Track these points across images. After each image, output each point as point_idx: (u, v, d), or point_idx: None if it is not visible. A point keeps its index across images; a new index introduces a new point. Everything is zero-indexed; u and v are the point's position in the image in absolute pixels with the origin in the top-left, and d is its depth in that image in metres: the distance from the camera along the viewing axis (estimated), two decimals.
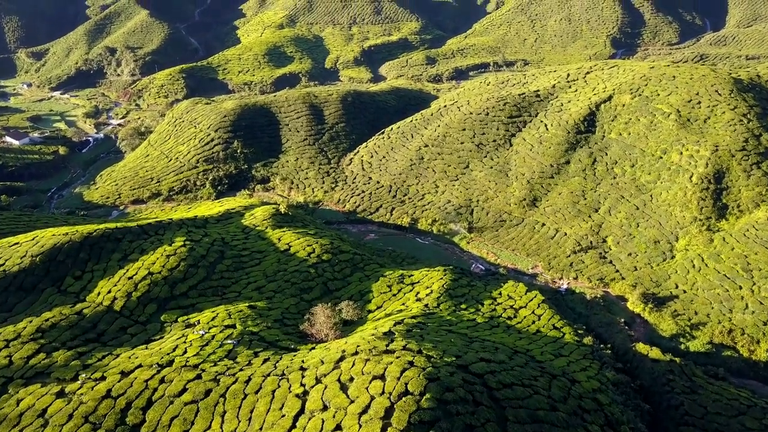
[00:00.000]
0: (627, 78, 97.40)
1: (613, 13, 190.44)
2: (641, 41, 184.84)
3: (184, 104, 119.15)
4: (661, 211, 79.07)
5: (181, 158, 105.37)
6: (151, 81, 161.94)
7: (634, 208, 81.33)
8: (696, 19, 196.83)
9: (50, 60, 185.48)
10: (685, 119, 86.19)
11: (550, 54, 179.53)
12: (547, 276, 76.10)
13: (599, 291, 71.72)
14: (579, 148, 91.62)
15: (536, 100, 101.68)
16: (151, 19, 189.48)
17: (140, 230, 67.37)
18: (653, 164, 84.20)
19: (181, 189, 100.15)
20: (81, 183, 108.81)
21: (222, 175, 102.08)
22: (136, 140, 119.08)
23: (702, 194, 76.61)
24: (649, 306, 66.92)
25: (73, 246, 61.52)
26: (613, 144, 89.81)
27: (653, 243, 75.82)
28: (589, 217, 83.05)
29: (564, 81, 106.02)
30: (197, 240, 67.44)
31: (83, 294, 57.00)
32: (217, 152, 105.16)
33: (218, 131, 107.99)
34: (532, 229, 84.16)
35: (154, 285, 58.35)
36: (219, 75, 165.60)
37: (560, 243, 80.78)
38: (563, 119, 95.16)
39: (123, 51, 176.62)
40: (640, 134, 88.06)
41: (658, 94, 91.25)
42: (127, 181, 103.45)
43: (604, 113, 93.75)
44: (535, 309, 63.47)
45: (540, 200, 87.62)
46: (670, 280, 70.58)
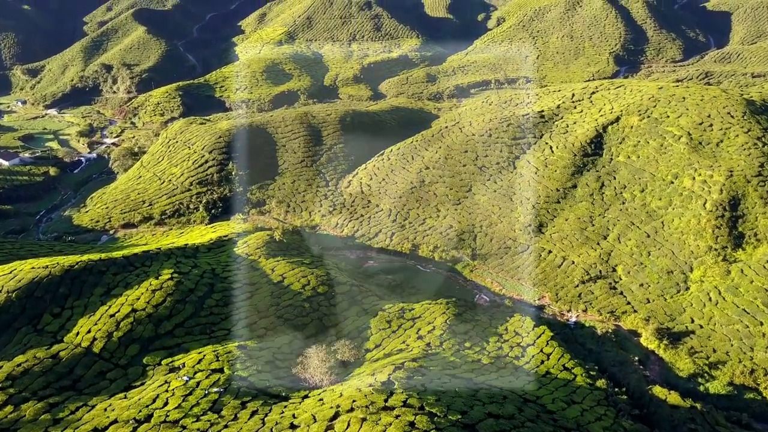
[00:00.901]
0: (635, 99, 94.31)
1: (615, 30, 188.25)
2: (644, 58, 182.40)
3: (178, 124, 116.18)
4: (673, 239, 75.51)
5: (174, 180, 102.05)
6: (147, 98, 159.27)
7: (644, 235, 77.78)
8: (699, 36, 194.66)
9: (46, 77, 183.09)
10: (697, 142, 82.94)
11: (552, 71, 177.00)
12: (554, 308, 72.38)
13: (610, 325, 67.95)
14: (586, 171, 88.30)
15: (541, 121, 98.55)
16: (148, 35, 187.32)
17: (125, 262, 63.79)
18: (664, 189, 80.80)
19: (173, 212, 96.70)
20: (71, 205, 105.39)
21: (216, 198, 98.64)
22: (128, 161, 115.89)
23: (717, 222, 73.10)
24: (664, 342, 63.13)
25: (53, 280, 57.92)
26: (621, 167, 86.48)
27: (666, 273, 72.17)
28: (598, 245, 79.49)
29: (569, 101, 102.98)
30: (186, 272, 63.81)
31: (61, 334, 53.30)
32: (211, 174, 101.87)
33: (212, 152, 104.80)
34: (538, 257, 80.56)
35: (137, 323, 54.64)
36: (216, 92, 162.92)
37: (568, 272, 77.15)
38: (569, 141, 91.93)
39: (119, 68, 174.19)
40: (650, 157, 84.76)
41: (668, 116, 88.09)
42: (118, 204, 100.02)
43: (612, 135, 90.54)
44: (543, 347, 59.68)
45: (546, 226, 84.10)
46: (685, 314, 66.86)
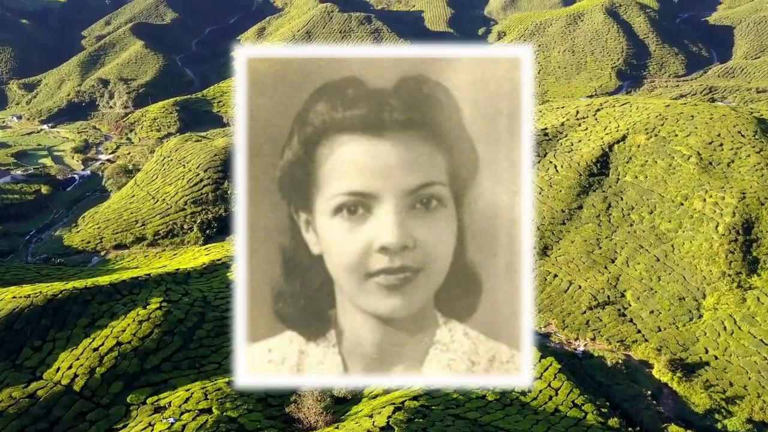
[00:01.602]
0: (641, 117, 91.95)
1: (617, 45, 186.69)
2: (647, 73, 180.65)
3: (172, 142, 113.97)
4: (684, 263, 72.67)
5: (168, 200, 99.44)
6: (143, 114, 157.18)
7: (654, 259, 74.94)
8: (702, 50, 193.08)
9: (42, 91, 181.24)
10: (707, 163, 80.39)
11: (554, 86, 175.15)
12: (561, 336, 69.37)
13: (620, 355, 64.91)
14: (592, 191, 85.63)
15: (544, 139, 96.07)
16: (146, 50, 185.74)
17: (112, 290, 60.90)
18: (674, 211, 78.10)
19: (167, 233, 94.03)
20: (62, 225, 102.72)
21: (211, 217, 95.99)
22: (122, 179, 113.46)
23: (730, 246, 70.32)
24: (678, 375, 60.07)
25: (35, 311, 55.05)
26: (628, 188, 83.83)
27: (677, 300, 69.26)
28: (605, 269, 76.62)
29: (573, 118, 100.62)
30: (176, 300, 60.93)
31: (41, 369, 50.33)
32: (206, 193, 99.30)
33: (208, 171, 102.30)
34: (543, 281, 77.60)
35: (122, 358, 51.69)
36: (214, 108, 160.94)
37: (574, 297, 74.22)
38: (574, 160, 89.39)
39: (116, 83, 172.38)
40: (658, 178, 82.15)
41: (676, 135, 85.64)
42: (111, 223, 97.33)
43: (618, 154, 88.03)
44: (551, 381, 56.62)
45: (551, 249, 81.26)
46: (698, 344, 63.86)
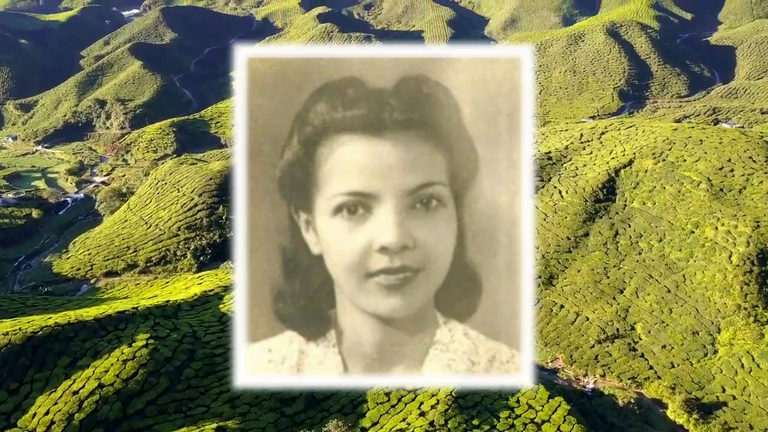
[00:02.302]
0: (648, 140, 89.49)
1: (619, 65, 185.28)
2: (650, 93, 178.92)
3: (167, 165, 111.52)
4: (697, 295, 69.60)
5: (162, 225, 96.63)
6: (140, 135, 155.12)
7: (665, 290, 71.88)
8: (704, 70, 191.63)
9: (39, 112, 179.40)
10: (718, 189, 77.67)
11: (555, 107, 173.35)
12: (569, 371, 66.11)
13: (632, 393, 61.62)
14: (598, 218, 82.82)
15: (548, 163, 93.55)
16: (144, 70, 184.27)
17: (97, 325, 57.78)
18: (684, 239, 75.19)
19: (159, 260, 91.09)
20: (53, 251, 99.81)
21: (205, 244, 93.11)
22: (116, 202, 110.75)
23: (745, 278, 67.32)
24: (695, 416, 56.78)
25: (13, 350, 51.94)
26: (636, 215, 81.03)
27: (691, 334, 66.10)
28: (614, 299, 73.55)
29: (577, 141, 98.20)
30: (163, 337, 57.79)
31: (16, 415, 47.12)
32: (201, 218, 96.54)
33: (202, 195, 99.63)
34: (550, 312, 74.49)
35: (103, 402, 48.48)
36: (211, 128, 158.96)
37: (582, 330, 71.06)
38: (579, 186, 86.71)
39: (113, 103, 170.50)
40: (667, 204, 79.39)
41: (685, 160, 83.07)
42: (102, 249, 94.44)
43: (625, 180, 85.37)
44: (560, 424, 53.37)
45: (557, 278, 78.24)
46: (715, 382, 60.62)
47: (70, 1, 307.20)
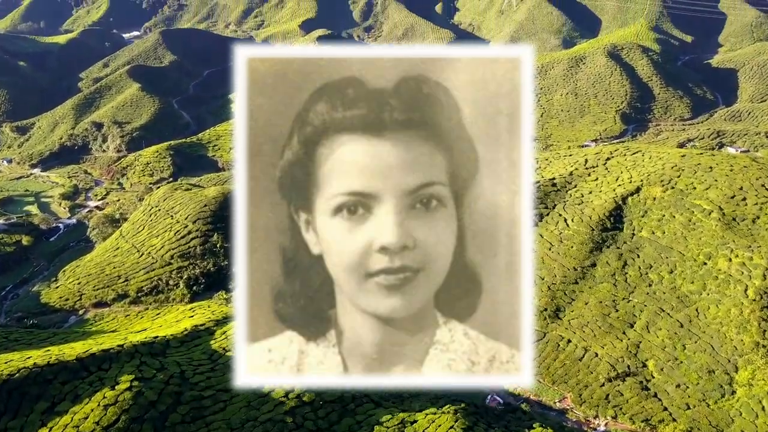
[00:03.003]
0: (655, 167, 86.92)
1: (621, 88, 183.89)
2: (652, 116, 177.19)
3: (161, 190, 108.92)
4: (711, 330, 66.37)
5: (154, 253, 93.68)
6: (136, 158, 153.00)
7: (677, 324, 68.66)
8: (707, 93, 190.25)
9: (35, 135, 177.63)
10: (730, 218, 74.84)
11: (557, 130, 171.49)
12: (578, 412, 62.65)
13: None
14: (605, 247, 79.87)
15: (552, 189, 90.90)
16: (142, 92, 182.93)
17: (79, 366, 54.53)
18: (696, 271, 72.15)
19: (151, 289, 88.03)
20: (42, 279, 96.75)
21: (198, 273, 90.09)
22: (108, 229, 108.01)
23: (762, 313, 64.19)
24: None
25: None
26: (645, 244, 78.08)
27: (706, 372, 62.74)
28: (624, 334, 70.29)
29: (582, 167, 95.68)
30: (149, 378, 54.47)
31: None
32: (194, 247, 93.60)
33: (196, 222, 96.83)
34: (556, 347, 71.21)
35: None
36: (209, 152, 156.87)
37: (591, 367, 67.70)
38: (585, 214, 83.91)
39: (110, 126, 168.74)
40: (677, 234, 76.50)
41: (695, 188, 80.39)
42: (92, 278, 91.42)
43: (633, 208, 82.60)
44: None
45: (564, 310, 75.06)
46: (734, 425, 57.19)
47: (72, 24, 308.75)
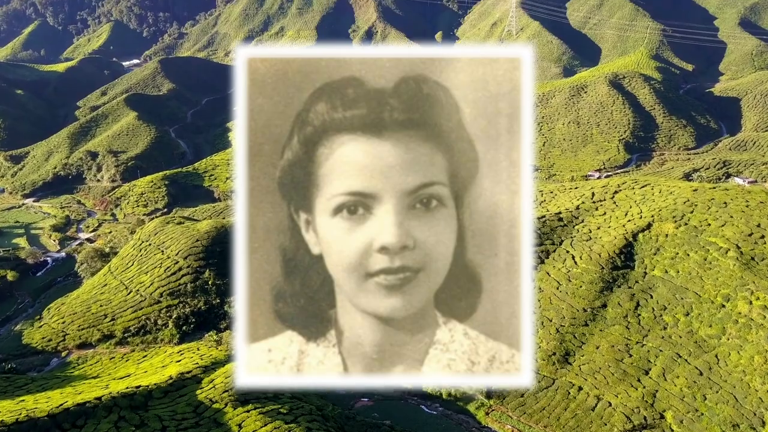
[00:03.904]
0: (666, 202, 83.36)
1: (623, 117, 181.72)
2: (656, 146, 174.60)
3: (152, 224, 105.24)
4: (733, 379, 62.02)
5: (143, 291, 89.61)
6: (130, 188, 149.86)
7: (696, 372, 64.33)
8: (711, 122, 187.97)
9: (29, 164, 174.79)
10: (749, 258, 70.99)
11: (560, 159, 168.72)
12: None
13: None
14: (616, 287, 75.87)
15: (559, 225, 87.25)
16: (138, 121, 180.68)
17: (50, 423, 50.21)
18: (714, 314, 68.05)
19: (138, 329, 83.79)
20: (25, 317, 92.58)
21: (188, 312, 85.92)
22: (97, 263, 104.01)
23: None
24: None
25: None
26: (658, 284, 74.09)
27: (731, 426, 58.27)
28: (639, 381, 65.91)
29: (589, 201, 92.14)
30: None
31: None
32: (185, 284, 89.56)
33: (188, 258, 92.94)
34: (566, 395, 66.79)
35: None
36: (205, 182, 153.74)
37: (605, 417, 63.22)
38: (594, 251, 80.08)
39: (105, 155, 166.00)
40: (693, 274, 72.57)
41: (709, 224, 76.70)
42: (77, 318, 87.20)
43: (644, 245, 78.79)
44: None
45: (573, 355, 70.78)
46: None
47: (73, 52, 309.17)
